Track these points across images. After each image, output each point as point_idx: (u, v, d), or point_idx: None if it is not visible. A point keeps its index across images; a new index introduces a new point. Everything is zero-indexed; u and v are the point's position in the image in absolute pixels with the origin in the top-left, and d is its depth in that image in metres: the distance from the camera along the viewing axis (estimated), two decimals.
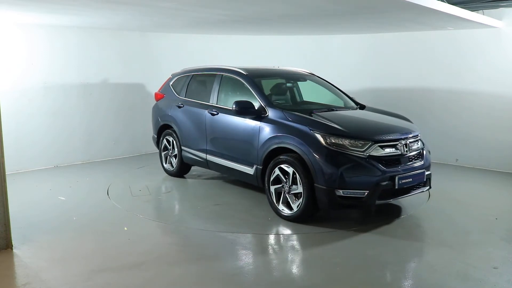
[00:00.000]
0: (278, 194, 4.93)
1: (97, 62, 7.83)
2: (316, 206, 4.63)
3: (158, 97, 7.05)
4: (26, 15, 5.97)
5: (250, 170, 5.31)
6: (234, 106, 5.24)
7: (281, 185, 4.88)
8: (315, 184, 4.53)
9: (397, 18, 6.07)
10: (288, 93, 6.17)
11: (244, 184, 6.16)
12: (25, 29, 6.99)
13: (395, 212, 5.18)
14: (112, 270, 3.68)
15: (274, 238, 4.50)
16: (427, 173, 4.94)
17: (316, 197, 4.55)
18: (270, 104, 5.23)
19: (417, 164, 4.85)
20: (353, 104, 5.93)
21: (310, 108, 5.66)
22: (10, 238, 4.07)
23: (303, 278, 3.64)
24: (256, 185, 5.35)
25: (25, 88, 7.08)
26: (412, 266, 3.91)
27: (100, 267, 3.73)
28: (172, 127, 6.63)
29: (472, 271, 3.67)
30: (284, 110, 5.12)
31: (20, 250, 4.05)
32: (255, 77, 5.64)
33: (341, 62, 8.85)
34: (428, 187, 5.02)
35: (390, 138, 4.72)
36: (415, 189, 4.87)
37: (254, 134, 5.21)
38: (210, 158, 5.95)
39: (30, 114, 7.15)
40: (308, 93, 6.37)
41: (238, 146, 5.51)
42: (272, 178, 4.95)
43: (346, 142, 4.55)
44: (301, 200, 4.66)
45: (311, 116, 4.95)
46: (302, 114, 4.99)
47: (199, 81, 6.53)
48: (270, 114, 5.12)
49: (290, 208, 4.79)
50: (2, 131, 3.90)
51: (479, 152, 7.34)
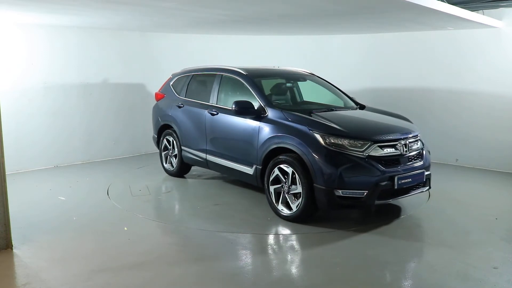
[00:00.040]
0: (278, 194, 4.93)
1: (97, 62, 7.83)
2: (315, 206, 4.63)
3: (159, 97, 7.06)
4: (26, 15, 5.98)
5: (249, 170, 5.31)
6: (234, 106, 5.24)
7: (280, 185, 4.88)
8: (314, 184, 4.53)
9: (397, 18, 6.07)
10: (288, 93, 6.17)
11: (243, 184, 6.16)
12: (25, 29, 6.99)
13: (395, 212, 5.18)
14: (112, 270, 3.68)
15: (273, 238, 4.50)
16: (427, 173, 4.94)
17: (315, 197, 4.55)
18: (269, 104, 5.23)
19: (416, 164, 4.84)
20: (353, 104, 5.93)
21: (309, 108, 5.66)
22: (10, 238, 4.07)
23: (303, 278, 3.64)
24: (255, 185, 5.35)
25: (25, 88, 7.08)
26: (412, 266, 3.91)
27: (100, 267, 3.73)
28: (172, 127, 6.63)
29: (472, 271, 3.67)
30: (283, 110, 5.12)
31: (20, 250, 4.06)
32: (255, 77, 5.64)
33: (341, 62, 8.85)
34: (427, 187, 5.02)
35: (390, 138, 4.72)
36: (415, 189, 4.86)
37: (253, 134, 5.21)
38: (210, 158, 5.95)
39: (30, 114, 7.15)
40: (308, 93, 6.37)
41: (238, 146, 5.51)
42: (271, 178, 4.95)
43: (345, 142, 4.55)
44: (300, 200, 4.66)
45: (311, 116, 4.95)
46: (302, 114, 4.99)
47: (199, 81, 6.54)
48: (270, 114, 5.12)
49: (290, 208, 4.79)
50: (2, 131, 3.90)
51: (479, 152, 7.34)
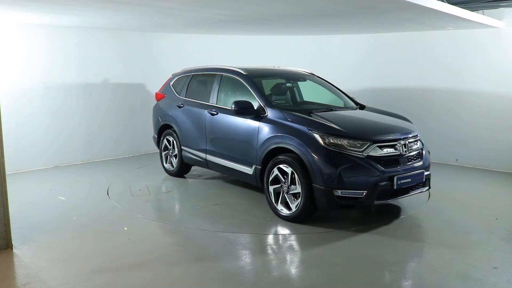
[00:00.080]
0: (277, 194, 4.92)
1: (97, 62, 7.84)
2: (314, 206, 4.63)
3: (159, 97, 7.06)
4: (26, 15, 5.98)
5: (249, 170, 5.31)
6: (233, 106, 5.24)
7: (280, 185, 4.88)
8: (314, 184, 4.52)
9: (397, 18, 6.07)
10: (288, 93, 6.17)
11: (243, 184, 6.17)
12: (25, 29, 6.99)
13: (395, 212, 5.18)
14: (112, 270, 3.69)
15: (273, 238, 4.50)
16: (427, 173, 4.94)
17: (314, 197, 4.55)
18: (269, 104, 5.23)
19: (416, 164, 4.84)
20: (352, 104, 5.93)
21: (309, 108, 5.66)
22: (10, 238, 4.07)
23: (303, 278, 3.64)
24: (255, 185, 5.35)
25: (25, 88, 7.08)
26: (412, 266, 3.91)
27: (100, 267, 3.73)
28: (172, 127, 6.63)
29: (472, 271, 3.67)
30: (283, 110, 5.12)
31: (20, 250, 4.06)
32: (255, 77, 5.64)
33: (341, 62, 8.85)
34: (427, 188, 5.01)
35: (389, 138, 4.72)
36: (414, 189, 4.86)
37: (253, 134, 5.21)
38: (210, 158, 5.95)
39: (30, 114, 7.15)
40: (308, 93, 6.37)
41: (238, 146, 5.51)
42: (271, 178, 4.95)
43: (344, 142, 4.55)
44: (299, 200, 4.66)
45: (310, 116, 4.95)
46: (301, 114, 4.99)
47: (199, 81, 6.54)
48: (269, 114, 5.12)
49: (289, 208, 4.79)
50: (2, 131, 3.90)
51: (479, 152, 7.34)
